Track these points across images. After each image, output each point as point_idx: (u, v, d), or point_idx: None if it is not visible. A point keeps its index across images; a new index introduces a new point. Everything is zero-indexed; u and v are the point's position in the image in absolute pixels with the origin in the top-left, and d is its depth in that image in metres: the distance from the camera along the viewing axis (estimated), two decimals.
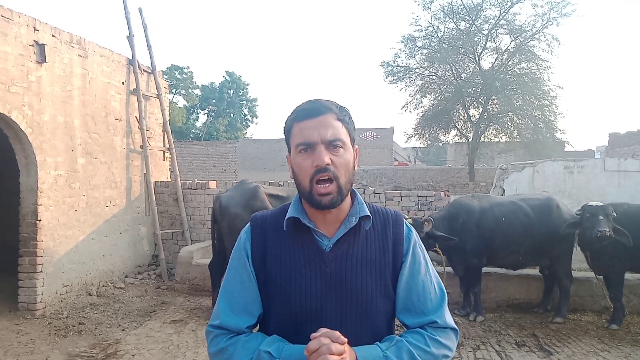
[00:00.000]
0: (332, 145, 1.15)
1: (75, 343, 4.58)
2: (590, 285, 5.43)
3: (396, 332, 1.27)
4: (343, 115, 1.19)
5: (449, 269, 5.39)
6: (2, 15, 5.03)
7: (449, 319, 1.23)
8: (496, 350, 4.39)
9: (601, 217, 4.58)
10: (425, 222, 4.97)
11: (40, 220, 5.49)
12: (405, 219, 1.34)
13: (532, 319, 5.25)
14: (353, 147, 1.22)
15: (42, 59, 5.51)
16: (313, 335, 1.07)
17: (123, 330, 4.99)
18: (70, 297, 5.94)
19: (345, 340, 1.06)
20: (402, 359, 1.13)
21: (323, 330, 1.08)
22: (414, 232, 1.28)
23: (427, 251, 1.66)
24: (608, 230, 4.49)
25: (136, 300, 6.17)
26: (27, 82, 5.36)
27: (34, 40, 5.45)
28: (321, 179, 1.13)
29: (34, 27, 5.47)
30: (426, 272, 1.25)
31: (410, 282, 1.22)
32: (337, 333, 1.06)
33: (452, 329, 1.23)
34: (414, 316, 1.22)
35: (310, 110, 1.17)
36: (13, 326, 5.03)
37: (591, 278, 5.33)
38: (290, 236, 1.21)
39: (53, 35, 5.77)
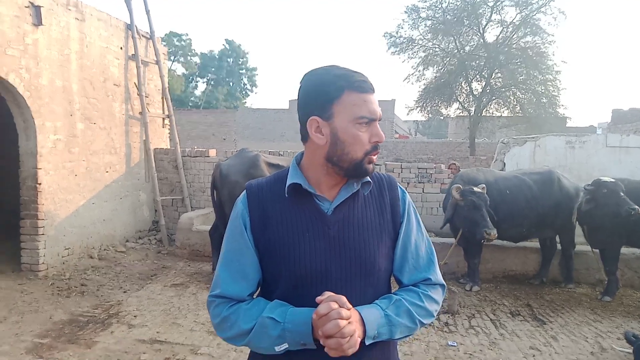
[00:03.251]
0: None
1: (78, 303, 4.66)
2: (585, 258, 5.51)
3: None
4: None
5: (452, 239, 5.45)
6: None
7: (439, 276, 1.31)
8: (490, 319, 4.48)
9: (622, 194, 4.58)
10: (482, 189, 4.96)
11: (40, 184, 5.49)
12: (468, 189, 1.43)
13: (527, 290, 5.34)
14: None
15: (38, 21, 5.38)
16: (319, 298, 1.08)
17: (125, 292, 5.07)
18: (72, 260, 6.02)
19: (351, 306, 1.09)
20: (401, 316, 1.18)
21: (328, 294, 1.09)
22: (407, 195, 1.34)
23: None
24: (638, 207, 4.47)
25: (137, 264, 6.25)
26: (23, 44, 5.25)
27: (30, 2, 5.31)
28: (375, 153, 1.19)
29: None
30: (418, 231, 1.31)
31: (406, 241, 1.28)
32: (344, 298, 1.08)
33: (441, 284, 1.31)
34: (408, 274, 1.28)
35: (369, 85, 1.18)
36: (17, 286, 5.11)
37: (587, 251, 5.40)
38: (291, 202, 1.21)
39: None
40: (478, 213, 4.87)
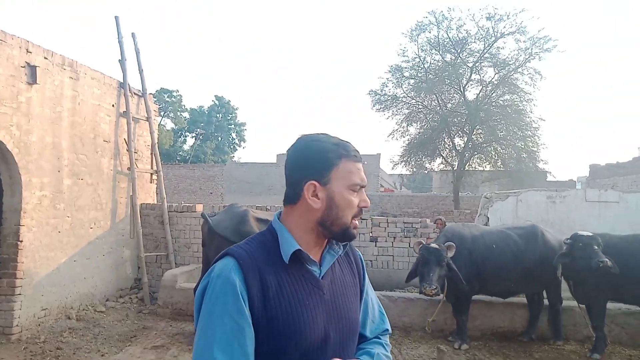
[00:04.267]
0: None
1: None
2: (573, 314, 5.50)
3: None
4: None
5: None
6: None
7: (388, 322, 1.43)
8: None
9: (596, 247, 4.69)
10: (448, 248, 5.01)
11: (22, 241, 5.39)
12: (425, 244, 1.54)
13: (517, 347, 5.27)
14: None
15: (33, 80, 5.54)
16: None
17: (102, 355, 4.86)
18: (48, 321, 5.78)
19: None
20: None
21: None
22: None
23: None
24: (608, 260, 4.57)
25: (117, 324, 6.03)
26: (16, 102, 5.36)
27: (26, 62, 5.49)
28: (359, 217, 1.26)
29: (27, 49, 5.51)
30: (369, 286, 1.41)
31: (367, 298, 1.38)
32: None
33: (388, 330, 1.43)
34: (371, 327, 1.37)
35: (360, 155, 1.28)
36: None
37: (574, 307, 5.40)
38: (284, 269, 1.18)
39: (45, 57, 5.82)
40: (425, 268, 4.97)
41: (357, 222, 1.25)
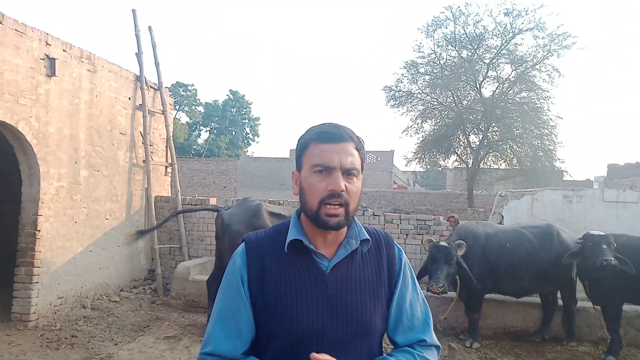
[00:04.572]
0: (348, 172, 1.17)
1: (67, 356, 4.53)
2: (587, 316, 5.41)
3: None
4: (360, 145, 1.23)
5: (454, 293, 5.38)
6: (15, 30, 5.16)
7: (434, 337, 1.29)
8: None
9: (604, 246, 4.61)
10: (458, 246, 4.97)
11: (39, 230, 5.50)
12: (435, 242, 1.42)
13: (529, 347, 5.21)
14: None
15: (52, 72, 5.62)
16: (314, 356, 1.07)
17: (116, 344, 4.94)
18: (64, 309, 5.90)
19: None
20: None
21: (325, 356, 1.08)
22: (404, 253, 1.34)
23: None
24: (613, 259, 4.50)
25: (130, 314, 6.12)
26: (35, 94, 5.45)
27: (45, 54, 5.57)
28: (333, 203, 1.15)
29: (46, 42, 5.59)
30: (413, 291, 1.30)
31: (401, 301, 1.27)
32: None
33: (437, 346, 1.29)
34: (403, 334, 1.26)
35: (333, 135, 1.19)
36: (5, 337, 4.98)
37: (589, 308, 5.31)
38: (290, 258, 1.20)
39: (64, 50, 5.90)
40: (433, 266, 4.93)
41: (330, 208, 1.14)
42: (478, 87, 19.08)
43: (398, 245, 1.35)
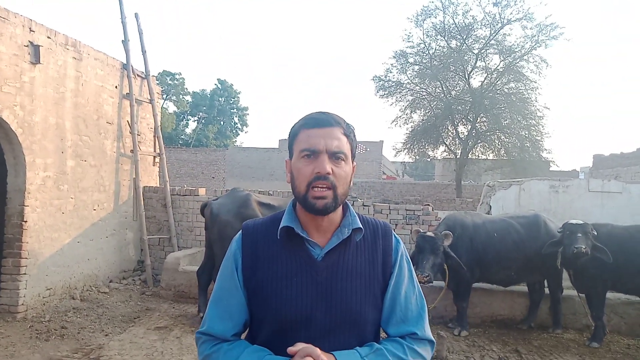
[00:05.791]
0: (335, 156, 1.19)
1: (57, 347, 4.50)
2: (572, 303, 5.53)
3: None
4: (349, 131, 1.25)
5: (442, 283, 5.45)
6: None
7: (427, 331, 1.28)
8: None
9: (579, 235, 4.71)
10: (445, 236, 5.02)
11: (26, 221, 5.42)
12: (422, 232, 1.41)
13: (516, 335, 5.31)
14: (352, 163, 1.26)
15: (36, 59, 5.49)
16: (291, 349, 1.09)
17: (106, 335, 4.92)
18: (53, 301, 5.85)
19: (324, 357, 1.08)
20: None
21: (301, 345, 1.09)
22: (402, 244, 1.32)
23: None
24: (584, 247, 4.60)
25: (120, 305, 6.09)
26: (20, 82, 5.33)
27: (29, 41, 5.44)
28: (320, 185, 1.16)
29: (30, 28, 5.46)
30: (409, 283, 1.29)
31: (396, 292, 1.26)
32: (318, 350, 1.08)
33: (430, 340, 1.28)
34: (395, 326, 1.25)
35: (320, 120, 1.21)
36: None
37: (573, 296, 5.43)
38: (282, 245, 1.22)
39: (48, 37, 5.76)
40: (419, 256, 5.01)
41: (317, 190, 1.16)
42: (467, 77, 19.16)
43: (397, 236, 1.34)
